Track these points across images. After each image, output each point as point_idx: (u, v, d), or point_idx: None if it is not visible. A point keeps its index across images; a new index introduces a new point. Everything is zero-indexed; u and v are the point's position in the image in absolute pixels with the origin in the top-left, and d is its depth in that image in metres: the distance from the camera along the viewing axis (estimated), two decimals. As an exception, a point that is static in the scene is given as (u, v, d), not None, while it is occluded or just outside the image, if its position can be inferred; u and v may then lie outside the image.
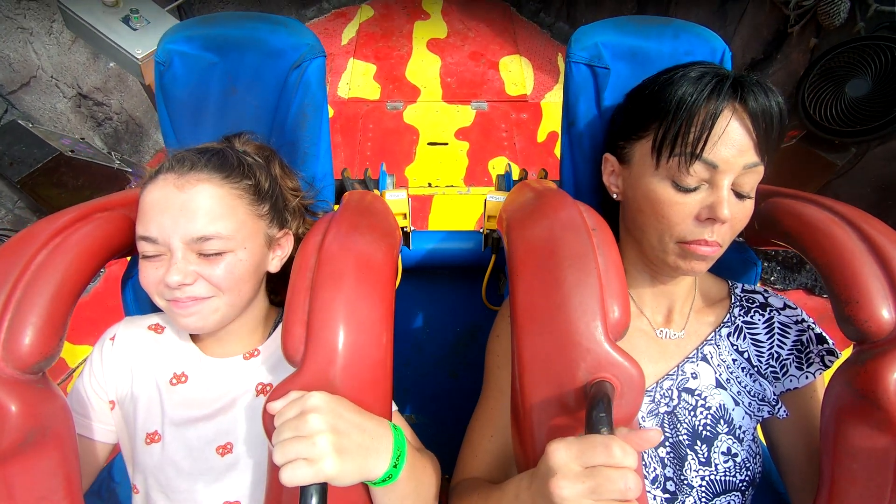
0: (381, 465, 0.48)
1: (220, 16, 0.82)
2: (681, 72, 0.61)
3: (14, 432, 0.48)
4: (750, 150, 0.57)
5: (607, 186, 0.70)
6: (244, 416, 0.64)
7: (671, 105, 0.59)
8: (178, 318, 0.61)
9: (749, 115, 0.56)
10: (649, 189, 0.61)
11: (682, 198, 0.59)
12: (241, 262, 0.61)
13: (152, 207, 0.57)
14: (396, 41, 3.12)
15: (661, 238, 0.61)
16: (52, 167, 1.77)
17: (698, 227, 0.59)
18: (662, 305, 0.70)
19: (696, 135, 0.57)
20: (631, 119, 0.66)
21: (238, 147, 0.69)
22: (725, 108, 0.56)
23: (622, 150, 0.67)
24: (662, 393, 0.66)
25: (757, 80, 0.58)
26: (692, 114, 0.57)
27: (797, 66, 1.93)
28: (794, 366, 0.66)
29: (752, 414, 0.66)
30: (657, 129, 0.60)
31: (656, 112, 0.61)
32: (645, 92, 0.64)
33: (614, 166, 0.68)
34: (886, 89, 1.54)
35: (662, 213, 0.60)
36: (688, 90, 0.58)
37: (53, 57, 1.94)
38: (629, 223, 0.67)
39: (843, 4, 1.68)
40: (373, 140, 2.60)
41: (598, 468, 0.38)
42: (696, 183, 0.58)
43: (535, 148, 2.60)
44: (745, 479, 0.64)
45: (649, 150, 0.61)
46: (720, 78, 0.58)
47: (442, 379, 1.14)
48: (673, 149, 0.58)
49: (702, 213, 0.58)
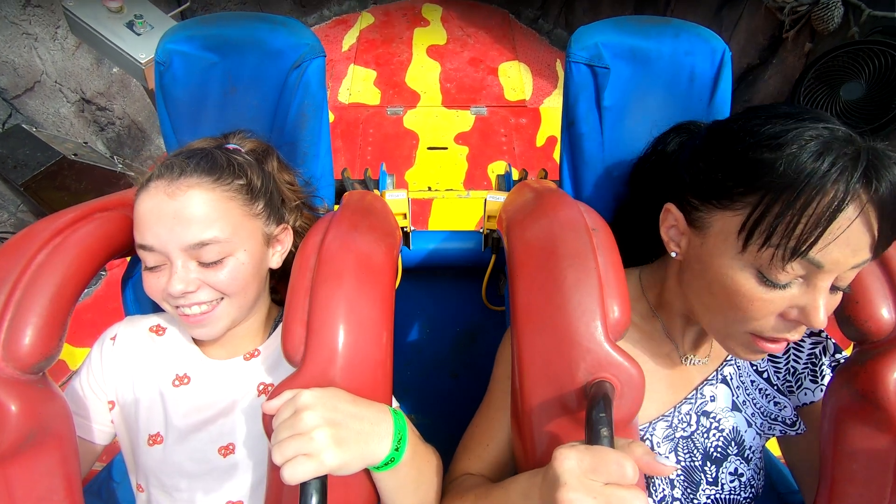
0: (383, 449, 0.48)
1: (219, 16, 0.82)
2: (794, 131, 0.45)
3: (14, 432, 0.48)
4: (865, 249, 0.44)
5: (665, 240, 0.57)
6: (245, 416, 0.64)
7: (780, 183, 0.44)
8: (189, 329, 0.63)
9: (876, 207, 0.43)
10: (727, 275, 0.49)
11: (768, 294, 0.47)
12: (242, 264, 0.61)
13: (146, 217, 0.57)
14: (396, 47, 3.14)
15: (731, 325, 0.51)
16: (55, 171, 1.78)
17: (781, 325, 0.49)
18: (693, 335, 0.63)
19: (807, 229, 0.43)
20: (715, 178, 0.50)
21: (233, 143, 0.68)
22: (853, 201, 0.43)
23: (694, 209, 0.53)
24: (680, 418, 0.63)
25: (890, 152, 0.44)
26: (808, 202, 0.43)
27: (792, 70, 1.95)
28: (809, 379, 0.64)
29: (762, 433, 0.65)
30: (753, 208, 0.46)
31: (755, 184, 0.46)
32: (739, 147, 0.48)
33: (678, 223, 0.55)
34: (880, 92, 1.56)
35: (740, 305, 0.49)
36: (807, 166, 0.43)
37: (58, 62, 1.96)
38: (689, 290, 0.56)
39: (836, 10, 1.71)
40: (373, 144, 2.61)
41: (611, 486, 0.37)
42: (789, 280, 0.46)
43: (534, 152, 2.61)
44: (749, 496, 0.64)
45: (736, 228, 0.48)
46: (851, 153, 0.43)
47: (442, 379, 1.14)
48: (769, 239, 0.45)
49: (790, 312, 0.48)
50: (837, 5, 1.70)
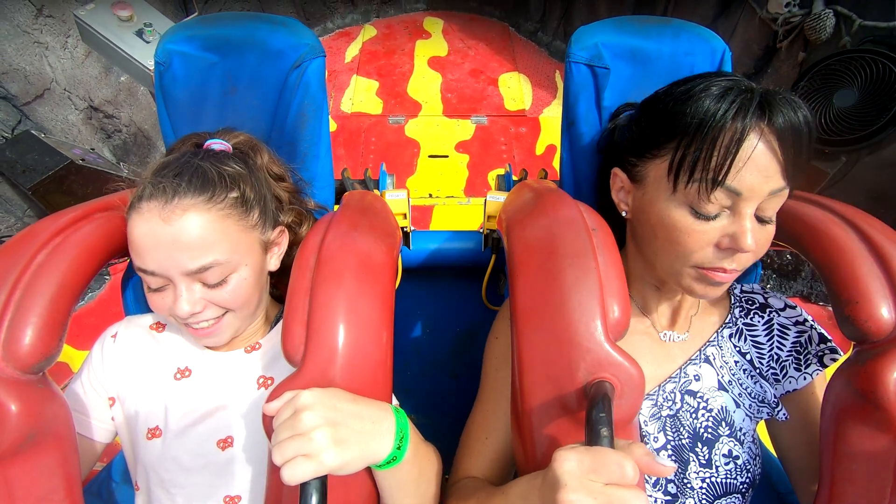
0: (385, 448, 0.48)
1: (219, 16, 0.82)
2: (701, 84, 0.55)
3: (14, 432, 0.48)
4: (777, 175, 0.52)
5: (615, 203, 0.65)
6: (244, 409, 0.64)
7: (691, 125, 0.53)
8: (197, 339, 0.64)
9: (777, 136, 0.51)
10: (665, 214, 0.56)
11: (701, 226, 0.54)
12: (245, 279, 0.61)
13: (143, 242, 0.56)
14: (398, 59, 3.17)
15: (677, 263, 0.58)
16: (62, 175, 1.81)
17: (718, 255, 0.55)
18: (668, 309, 0.68)
19: (720, 160, 0.51)
20: (644, 135, 0.60)
21: (218, 140, 0.66)
22: (752, 130, 0.51)
23: (633, 166, 0.62)
24: (665, 396, 0.65)
25: (784, 94, 0.53)
26: (715, 136, 0.51)
27: (787, 79, 1.97)
28: (793, 367, 0.66)
29: (751, 416, 0.66)
30: (675, 151, 0.55)
31: (674, 130, 0.55)
32: (660, 105, 0.59)
33: (624, 183, 0.63)
34: (873, 99, 1.59)
35: (679, 240, 0.56)
36: (710, 108, 0.52)
37: (67, 70, 1.99)
38: (640, 242, 0.64)
39: (828, 20, 1.74)
40: (375, 153, 2.63)
41: (611, 487, 0.37)
42: (716, 210, 0.53)
43: (534, 160, 2.63)
44: (746, 481, 0.64)
45: (665, 172, 0.56)
46: (746, 94, 0.52)
47: (442, 379, 1.14)
48: (692, 174, 0.53)
49: (723, 241, 0.54)
50: (829, 16, 1.74)
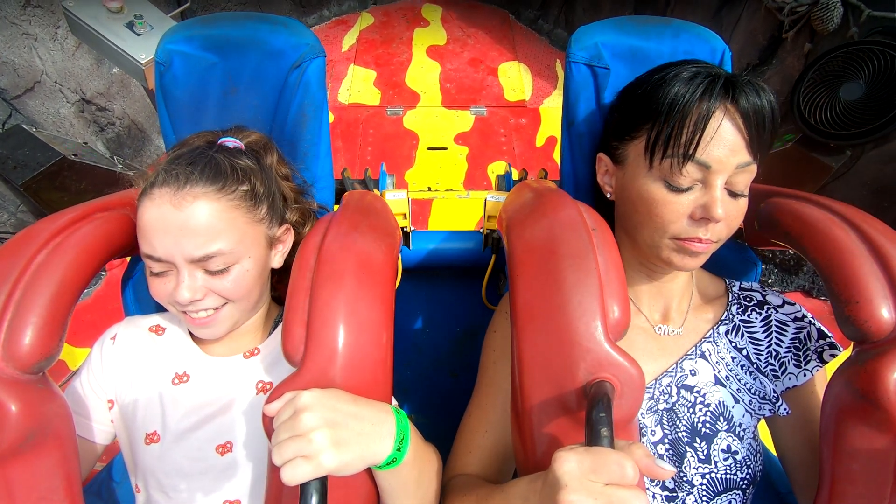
0: (385, 449, 0.48)
1: (219, 16, 0.82)
2: (673, 71, 0.61)
3: (14, 432, 0.48)
4: (742, 150, 0.57)
5: (601, 186, 0.70)
6: (244, 414, 0.64)
7: (663, 106, 0.59)
8: (193, 329, 0.64)
9: (741, 115, 0.57)
10: (643, 189, 0.61)
11: (675, 197, 0.59)
12: (247, 271, 0.61)
13: (152, 227, 0.57)
14: (396, 48, 3.14)
15: (656, 235, 0.62)
16: (55, 171, 1.78)
17: (692, 226, 0.59)
18: (660, 303, 0.70)
19: (689, 136, 0.57)
20: (624, 119, 0.66)
21: (232, 138, 0.67)
22: (717, 109, 0.57)
23: (616, 150, 0.67)
24: (661, 390, 0.66)
25: (748, 79, 0.59)
26: (684, 115, 0.58)
27: (792, 70, 1.94)
28: (793, 363, 0.67)
29: (752, 412, 0.66)
30: (650, 131, 0.61)
31: (648, 113, 0.61)
32: (637, 91, 0.65)
33: (608, 166, 0.69)
34: (880, 93, 1.56)
35: (656, 212, 0.60)
36: (680, 90, 0.59)
37: (57, 63, 1.95)
38: (624, 222, 0.68)
39: (836, 10, 1.70)
40: (373, 145, 2.61)
41: (611, 487, 0.38)
42: (689, 183, 0.59)
43: (534, 152, 2.62)
44: (746, 477, 0.64)
45: (642, 150, 0.62)
46: (712, 78, 0.58)
47: (442, 379, 1.14)
48: (665, 150, 0.59)
49: (696, 212, 0.59)
50: (837, 6, 1.70)
